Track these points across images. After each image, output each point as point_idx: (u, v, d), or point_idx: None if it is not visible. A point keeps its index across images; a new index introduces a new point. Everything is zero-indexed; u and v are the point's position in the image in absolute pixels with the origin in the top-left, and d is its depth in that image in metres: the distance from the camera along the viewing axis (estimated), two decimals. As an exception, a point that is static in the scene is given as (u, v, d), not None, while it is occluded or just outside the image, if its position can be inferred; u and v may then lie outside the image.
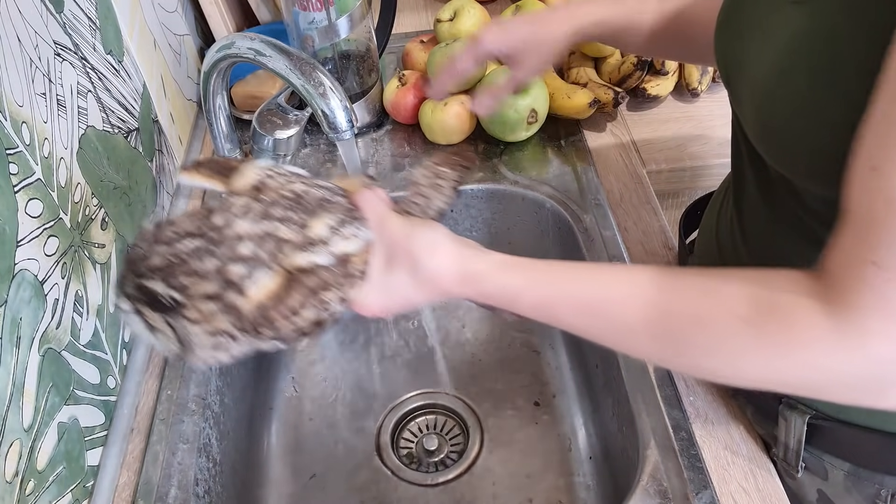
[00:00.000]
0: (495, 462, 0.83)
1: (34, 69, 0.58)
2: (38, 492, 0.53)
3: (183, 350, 0.47)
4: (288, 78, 0.69)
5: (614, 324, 0.46)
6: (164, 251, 0.45)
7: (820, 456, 0.58)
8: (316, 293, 0.46)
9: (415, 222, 0.51)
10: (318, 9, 0.84)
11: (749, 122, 0.49)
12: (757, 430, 0.64)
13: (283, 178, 0.50)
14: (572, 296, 0.47)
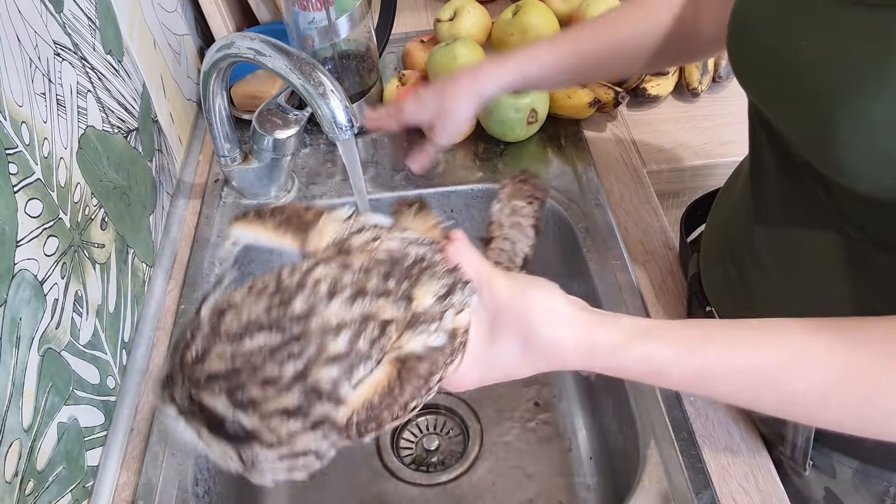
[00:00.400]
0: (495, 462, 0.83)
1: (34, 69, 0.58)
2: (37, 492, 0.53)
3: (248, 471, 0.39)
4: (288, 78, 0.69)
5: (787, 394, 0.41)
6: (227, 351, 0.35)
7: (828, 454, 0.58)
8: (429, 377, 0.38)
9: (521, 280, 0.44)
10: (317, 8, 0.84)
11: (799, 131, 0.47)
12: (762, 429, 0.64)
13: (369, 232, 0.42)
14: (732, 365, 0.41)
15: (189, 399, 0.36)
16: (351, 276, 0.38)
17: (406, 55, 1.02)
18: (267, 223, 0.44)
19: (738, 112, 0.98)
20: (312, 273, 0.38)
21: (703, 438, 0.62)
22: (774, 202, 0.55)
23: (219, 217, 0.87)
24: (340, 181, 0.91)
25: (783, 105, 0.49)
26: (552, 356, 0.43)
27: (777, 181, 0.54)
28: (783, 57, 0.47)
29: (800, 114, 0.46)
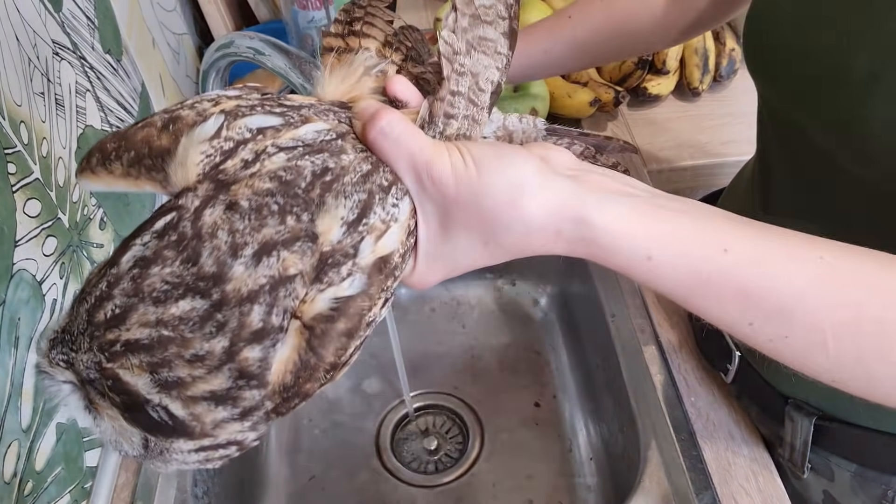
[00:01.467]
0: (495, 463, 0.83)
1: (32, 68, 0.58)
2: (36, 493, 0.52)
3: (149, 459, 0.32)
4: (287, 77, 0.69)
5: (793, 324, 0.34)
6: (151, 316, 0.29)
7: (826, 457, 0.58)
8: (354, 331, 0.33)
9: (475, 154, 0.33)
10: (317, 7, 0.84)
11: (826, 120, 0.46)
12: (761, 430, 0.64)
13: (247, 148, 0.32)
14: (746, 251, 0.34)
15: (97, 370, 0.30)
16: (243, 223, 0.30)
17: (406, 54, 1.02)
18: (114, 169, 0.33)
19: (739, 112, 0.98)
20: (201, 221, 0.30)
21: (703, 439, 0.62)
22: (782, 203, 0.55)
23: (218, 217, 0.87)
24: (340, 181, 0.91)
25: (806, 95, 0.48)
26: (524, 247, 0.35)
27: (785, 181, 0.54)
28: (805, 44, 0.46)
29: (826, 103, 0.46)
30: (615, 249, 0.35)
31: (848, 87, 0.44)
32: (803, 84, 0.48)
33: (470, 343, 0.95)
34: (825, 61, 0.45)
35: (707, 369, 0.67)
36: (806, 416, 0.56)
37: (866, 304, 0.33)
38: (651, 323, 0.71)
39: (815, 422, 0.56)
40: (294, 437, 0.87)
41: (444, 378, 0.91)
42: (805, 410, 0.56)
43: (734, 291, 0.34)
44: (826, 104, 0.46)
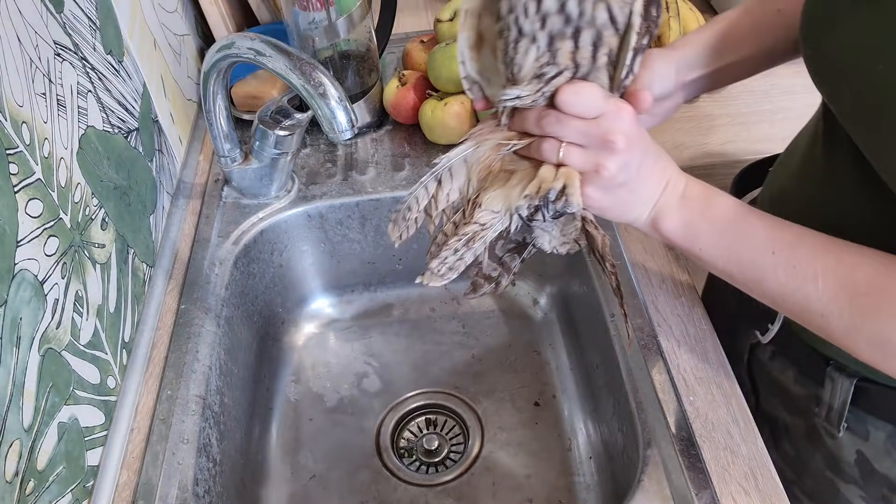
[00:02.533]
0: (495, 462, 0.83)
1: (34, 69, 0.58)
2: (38, 492, 0.53)
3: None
4: (288, 78, 0.69)
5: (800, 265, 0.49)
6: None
7: (863, 417, 0.60)
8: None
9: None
10: (318, 9, 0.84)
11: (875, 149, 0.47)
12: (798, 391, 0.65)
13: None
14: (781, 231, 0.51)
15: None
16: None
17: (406, 55, 1.02)
18: None
19: (738, 112, 0.98)
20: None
21: (702, 438, 0.62)
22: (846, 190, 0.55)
23: (219, 217, 0.87)
24: (340, 181, 0.91)
25: (858, 118, 0.48)
26: (666, 171, 0.53)
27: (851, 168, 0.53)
28: (858, 65, 0.46)
29: (878, 131, 0.46)
30: (674, 246, 0.55)
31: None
32: (852, 108, 0.48)
33: (470, 343, 0.95)
34: (872, 94, 0.45)
35: (706, 369, 0.67)
36: (847, 377, 0.58)
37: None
38: (650, 323, 0.71)
39: (856, 383, 0.58)
40: (295, 436, 0.87)
41: (444, 378, 0.92)
42: (846, 371, 0.58)
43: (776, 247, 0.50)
44: (876, 137, 0.46)
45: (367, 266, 0.98)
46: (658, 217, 0.54)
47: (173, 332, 0.75)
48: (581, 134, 0.49)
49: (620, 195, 0.52)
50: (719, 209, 0.53)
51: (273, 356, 0.93)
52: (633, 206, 0.53)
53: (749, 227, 0.51)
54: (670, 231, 0.53)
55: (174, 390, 0.69)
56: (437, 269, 0.57)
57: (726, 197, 0.53)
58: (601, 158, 0.50)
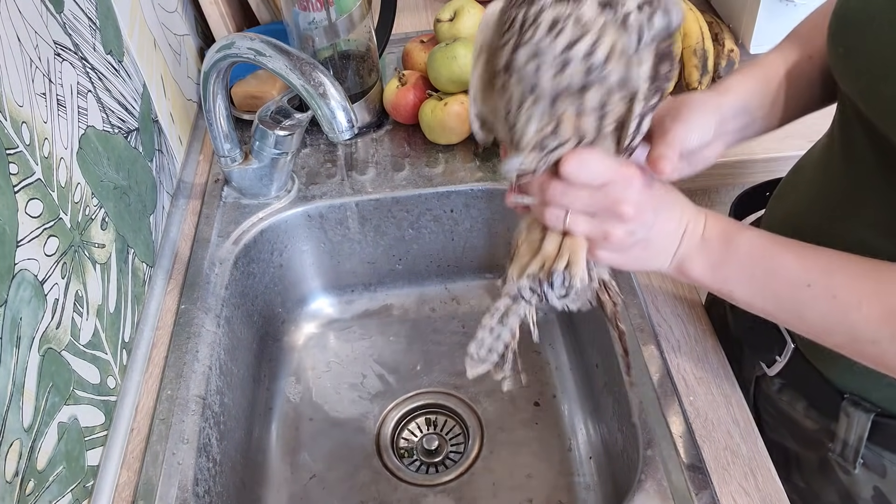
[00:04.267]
0: (495, 462, 0.83)
1: (34, 69, 0.58)
2: (38, 492, 0.53)
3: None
4: (288, 78, 0.69)
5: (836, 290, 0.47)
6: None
7: (880, 452, 0.58)
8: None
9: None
10: (318, 9, 0.84)
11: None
12: (810, 425, 0.63)
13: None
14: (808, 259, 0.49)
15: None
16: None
17: (406, 55, 1.02)
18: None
19: (738, 112, 0.98)
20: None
21: (702, 438, 0.62)
22: (872, 201, 0.53)
23: (219, 217, 0.87)
24: (340, 181, 0.91)
25: (889, 109, 0.47)
26: (683, 219, 0.51)
27: (874, 177, 0.52)
28: (891, 57, 0.45)
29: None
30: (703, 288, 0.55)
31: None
32: (882, 103, 0.47)
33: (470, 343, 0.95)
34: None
35: (706, 369, 0.67)
36: (864, 412, 0.56)
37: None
38: (650, 323, 0.71)
39: (874, 419, 0.56)
40: (295, 436, 0.87)
41: (444, 378, 0.92)
42: (863, 406, 0.57)
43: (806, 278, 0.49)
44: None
45: (367, 266, 0.98)
46: (682, 264, 0.52)
47: (173, 332, 0.75)
48: (587, 203, 0.48)
49: (634, 253, 0.51)
50: (742, 247, 0.51)
51: (273, 356, 0.93)
52: (650, 261, 0.53)
53: (778, 262, 0.50)
54: (698, 276, 0.52)
55: (174, 390, 0.69)
56: (475, 354, 0.55)
57: (748, 232, 0.52)
58: (609, 226, 0.49)
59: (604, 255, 0.51)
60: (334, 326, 0.99)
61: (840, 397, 0.58)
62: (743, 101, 0.58)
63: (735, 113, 0.57)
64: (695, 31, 1.00)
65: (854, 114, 0.53)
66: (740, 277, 0.51)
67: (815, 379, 0.61)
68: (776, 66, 0.59)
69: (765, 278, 0.50)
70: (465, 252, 0.97)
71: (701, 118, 0.54)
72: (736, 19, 1.07)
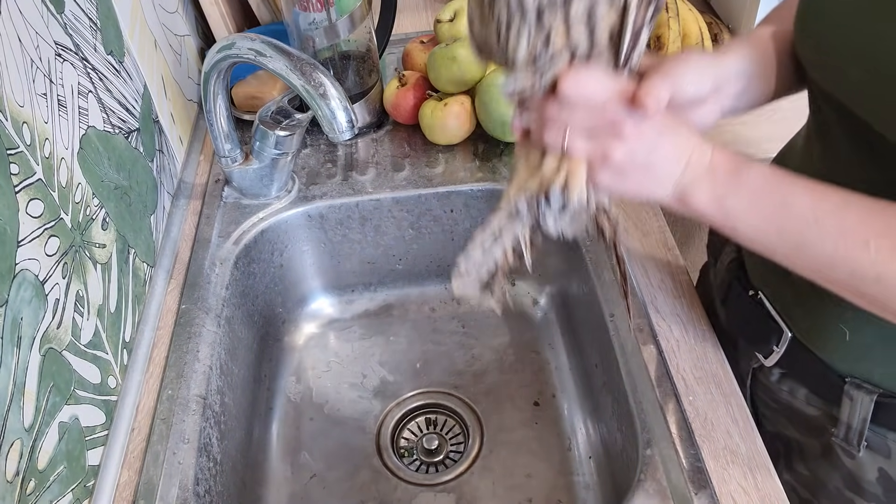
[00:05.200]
0: (495, 462, 0.83)
1: (35, 69, 0.58)
2: (38, 491, 0.53)
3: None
4: (288, 78, 0.69)
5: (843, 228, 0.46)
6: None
7: (884, 434, 0.58)
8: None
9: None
10: (318, 9, 0.84)
11: (886, 118, 0.46)
12: (812, 411, 0.64)
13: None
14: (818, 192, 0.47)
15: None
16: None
17: (406, 56, 1.02)
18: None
19: (738, 112, 0.98)
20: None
21: (702, 438, 0.62)
22: (847, 183, 0.53)
23: (219, 217, 0.87)
24: (340, 181, 0.91)
25: (871, 88, 0.46)
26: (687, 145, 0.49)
27: (850, 162, 0.52)
28: (859, 39, 0.46)
29: (886, 100, 0.45)
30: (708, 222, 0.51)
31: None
32: (857, 83, 0.47)
33: (470, 343, 0.95)
34: (877, 64, 0.44)
35: (705, 369, 0.67)
36: (867, 393, 0.57)
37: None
38: (650, 323, 0.71)
39: (877, 399, 0.56)
40: (295, 436, 0.87)
41: (444, 378, 0.92)
42: (865, 388, 0.57)
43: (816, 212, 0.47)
44: (885, 107, 0.45)
45: (367, 266, 0.98)
46: (685, 194, 0.50)
47: (174, 331, 0.75)
48: (586, 122, 0.47)
49: (635, 177, 0.50)
50: (752, 179, 0.49)
51: (273, 356, 0.93)
52: (652, 188, 0.51)
53: (787, 196, 0.48)
54: (701, 207, 0.50)
55: (175, 390, 0.69)
56: (462, 267, 0.54)
57: (758, 164, 0.50)
58: (608, 146, 0.48)
59: (604, 179, 0.49)
60: (334, 326, 0.99)
61: (842, 381, 0.59)
62: (742, 63, 0.57)
63: (736, 74, 0.57)
64: (695, 31, 1.00)
65: (823, 100, 0.53)
66: (747, 209, 0.49)
67: (815, 365, 0.61)
68: (767, 37, 0.59)
69: (773, 212, 0.48)
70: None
71: (697, 66, 0.53)
72: (736, 20, 1.07)
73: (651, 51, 0.97)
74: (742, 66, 0.57)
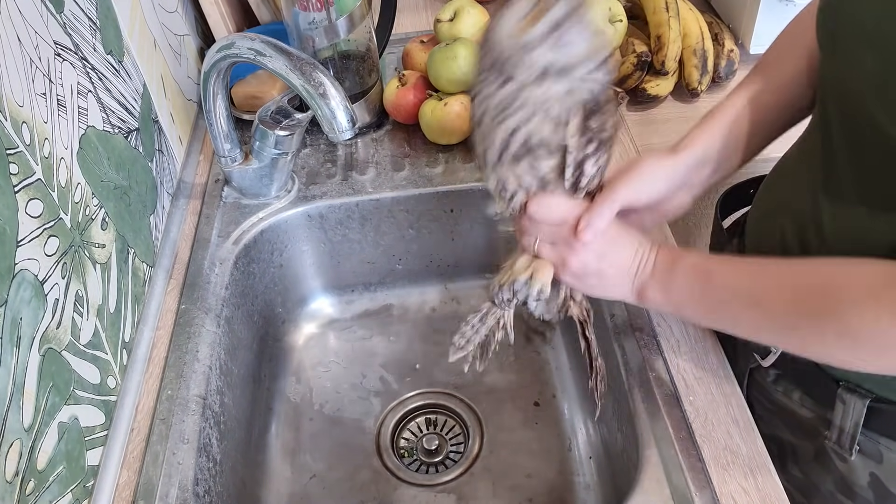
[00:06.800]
0: (495, 462, 0.83)
1: (34, 69, 0.58)
2: (38, 492, 0.53)
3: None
4: (288, 78, 0.69)
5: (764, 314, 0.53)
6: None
7: (876, 438, 0.59)
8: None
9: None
10: (318, 9, 0.84)
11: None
12: (806, 414, 0.64)
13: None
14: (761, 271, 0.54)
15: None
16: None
17: (406, 55, 1.02)
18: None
19: (738, 112, 0.98)
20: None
21: (702, 438, 0.62)
22: (846, 182, 0.54)
23: (219, 217, 0.87)
24: (340, 181, 0.91)
25: (875, 83, 0.48)
26: (636, 256, 0.60)
27: (849, 163, 0.53)
28: (884, 34, 0.46)
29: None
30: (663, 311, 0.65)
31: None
32: (876, 72, 0.48)
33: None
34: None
35: (705, 369, 0.67)
36: (859, 398, 0.57)
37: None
38: (650, 323, 0.71)
39: (869, 404, 0.57)
40: (295, 436, 0.87)
41: (444, 378, 0.92)
42: (858, 393, 0.58)
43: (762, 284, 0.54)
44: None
45: (367, 266, 0.98)
46: (642, 293, 0.60)
47: (173, 332, 0.75)
48: (548, 234, 0.60)
49: (592, 282, 0.61)
50: (683, 268, 0.58)
51: (273, 356, 0.93)
52: (608, 290, 0.62)
53: (711, 279, 0.56)
54: (656, 302, 0.60)
55: (174, 390, 0.69)
56: (456, 342, 0.67)
57: (692, 255, 0.59)
58: (565, 255, 0.60)
59: (567, 280, 0.61)
60: (334, 326, 0.99)
61: (835, 385, 0.59)
62: (703, 151, 0.63)
63: (697, 163, 0.63)
64: (695, 31, 1.00)
65: (832, 94, 0.54)
66: (685, 296, 0.58)
67: (809, 368, 0.62)
68: (737, 108, 0.64)
69: (702, 296, 0.57)
70: (464, 252, 0.97)
71: (648, 179, 0.61)
72: (736, 19, 1.07)
73: (651, 52, 0.97)
74: (704, 154, 0.63)
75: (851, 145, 0.53)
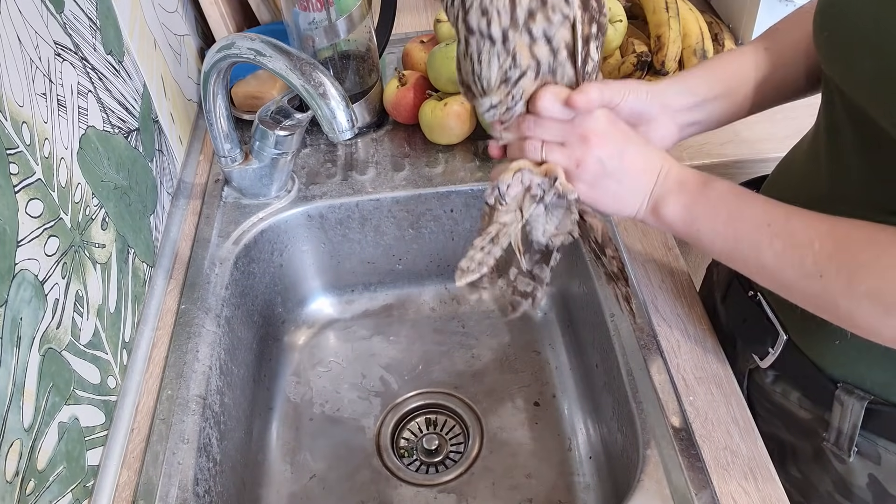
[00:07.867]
0: (495, 462, 0.83)
1: (34, 69, 0.58)
2: (38, 491, 0.53)
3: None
4: (288, 78, 0.69)
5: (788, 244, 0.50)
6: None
7: (874, 440, 0.59)
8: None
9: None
10: (318, 9, 0.84)
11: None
12: (804, 414, 0.64)
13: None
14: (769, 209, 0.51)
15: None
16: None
17: (406, 55, 1.02)
18: None
19: (738, 112, 0.98)
20: None
21: (702, 438, 0.62)
22: (852, 183, 0.54)
23: (219, 217, 0.87)
24: (340, 181, 0.91)
25: (873, 85, 0.48)
26: (657, 160, 0.55)
27: (859, 164, 0.53)
28: (881, 34, 0.46)
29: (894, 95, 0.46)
30: (672, 231, 0.56)
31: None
32: (873, 77, 0.48)
33: (470, 343, 0.95)
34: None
35: (705, 369, 0.67)
36: (857, 399, 0.57)
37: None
38: (650, 323, 0.71)
39: (867, 406, 0.57)
40: (295, 436, 0.87)
41: (444, 378, 0.92)
42: (856, 394, 0.57)
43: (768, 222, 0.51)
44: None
45: (367, 266, 0.98)
46: (657, 205, 0.55)
47: (173, 332, 0.75)
48: (558, 133, 0.54)
49: (609, 187, 0.55)
50: (716, 190, 0.54)
51: (273, 356, 0.93)
52: (626, 198, 0.56)
53: (745, 204, 0.53)
54: (671, 217, 0.55)
55: (174, 390, 0.69)
56: (466, 267, 0.61)
57: (722, 180, 0.55)
58: (580, 154, 0.54)
59: (581, 188, 0.55)
60: (334, 326, 0.99)
61: (833, 386, 0.59)
62: (682, 84, 0.61)
63: (676, 92, 0.61)
64: (695, 31, 1.00)
65: (838, 96, 0.54)
66: (709, 218, 0.53)
67: (808, 369, 0.61)
68: (726, 58, 0.63)
69: (730, 219, 0.53)
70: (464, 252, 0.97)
71: (630, 85, 0.58)
72: (736, 19, 1.07)
73: (651, 52, 0.97)
74: (682, 86, 0.61)
75: (857, 148, 0.53)
